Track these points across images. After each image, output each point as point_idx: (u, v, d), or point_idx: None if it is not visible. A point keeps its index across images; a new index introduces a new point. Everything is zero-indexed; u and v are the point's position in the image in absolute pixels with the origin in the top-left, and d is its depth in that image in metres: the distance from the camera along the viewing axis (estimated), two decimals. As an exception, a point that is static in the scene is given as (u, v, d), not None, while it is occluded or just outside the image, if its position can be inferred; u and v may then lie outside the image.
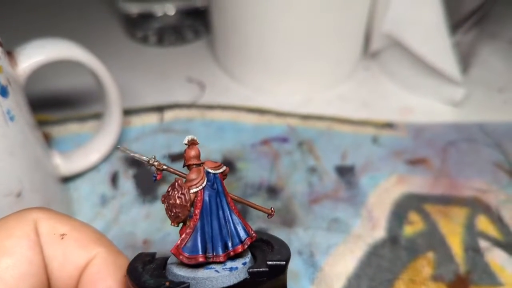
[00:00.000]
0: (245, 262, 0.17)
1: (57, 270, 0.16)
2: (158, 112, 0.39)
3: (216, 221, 0.17)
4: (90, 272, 0.16)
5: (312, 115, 0.39)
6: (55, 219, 0.17)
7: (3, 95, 0.23)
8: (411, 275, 0.28)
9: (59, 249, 0.16)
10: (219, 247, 0.16)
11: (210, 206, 0.17)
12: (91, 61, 0.29)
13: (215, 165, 0.17)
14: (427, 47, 0.38)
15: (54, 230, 0.17)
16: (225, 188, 0.17)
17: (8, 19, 0.51)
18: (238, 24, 0.39)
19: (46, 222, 0.17)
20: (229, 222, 0.17)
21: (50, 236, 0.16)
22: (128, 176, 0.34)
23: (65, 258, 0.16)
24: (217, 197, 0.17)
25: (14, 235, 0.16)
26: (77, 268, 0.16)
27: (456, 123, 0.38)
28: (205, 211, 0.17)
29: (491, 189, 0.33)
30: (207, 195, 0.17)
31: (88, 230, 0.17)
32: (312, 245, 0.30)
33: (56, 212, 0.17)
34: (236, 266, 0.16)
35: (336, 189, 0.33)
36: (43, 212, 0.17)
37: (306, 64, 0.40)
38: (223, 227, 0.17)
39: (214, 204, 0.17)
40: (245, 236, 0.17)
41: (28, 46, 0.27)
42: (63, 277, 0.16)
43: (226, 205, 0.17)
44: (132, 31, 0.48)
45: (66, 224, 0.17)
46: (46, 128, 0.37)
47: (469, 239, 0.30)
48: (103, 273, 0.16)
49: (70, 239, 0.17)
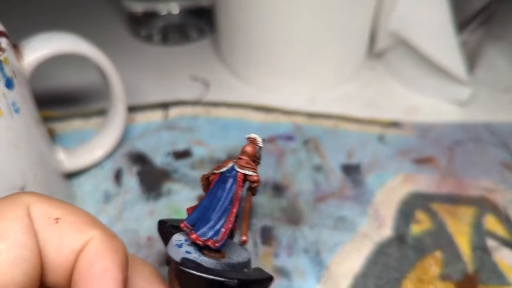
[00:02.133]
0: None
1: (52, 254, 0.16)
2: (163, 109, 0.39)
3: (211, 208, 0.17)
4: (87, 254, 0.16)
5: (318, 114, 0.39)
6: (48, 202, 0.16)
7: (8, 87, 0.23)
8: (419, 274, 0.28)
9: (54, 233, 0.16)
10: (199, 230, 0.17)
11: (216, 193, 0.17)
12: (97, 55, 0.29)
13: (248, 165, 0.17)
14: (434, 46, 0.38)
15: (48, 213, 0.16)
16: (237, 190, 0.17)
17: (14, 13, 0.51)
18: (243, 23, 0.39)
19: (38, 205, 0.16)
20: (214, 216, 0.17)
21: (44, 220, 0.16)
22: (132, 173, 0.34)
23: (61, 241, 0.16)
24: (224, 191, 0.17)
25: (7, 218, 0.15)
26: (73, 251, 0.16)
27: (463, 123, 0.38)
28: (210, 194, 0.17)
29: (498, 188, 0.33)
30: (218, 183, 0.17)
31: (82, 213, 0.17)
32: (318, 243, 0.29)
33: (48, 196, 0.17)
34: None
35: (342, 187, 0.33)
36: (35, 196, 0.17)
37: (311, 63, 0.40)
38: (211, 217, 0.17)
39: (219, 195, 0.17)
40: (212, 237, 0.17)
41: (33, 39, 0.27)
42: (59, 261, 0.16)
43: (227, 203, 0.17)
44: (136, 29, 0.48)
45: (59, 207, 0.17)
46: (50, 124, 0.37)
47: (477, 239, 0.30)
48: (100, 254, 0.16)
49: (65, 222, 0.16)
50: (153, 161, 0.34)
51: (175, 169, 0.34)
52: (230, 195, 0.17)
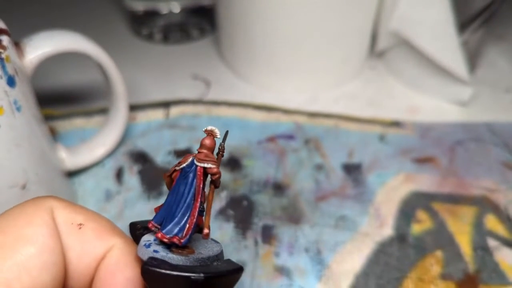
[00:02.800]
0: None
1: (75, 260, 0.16)
2: (164, 108, 0.39)
3: (175, 205, 0.17)
4: (108, 263, 0.16)
5: (319, 113, 0.39)
6: (70, 208, 0.17)
7: (10, 85, 0.23)
8: (420, 274, 0.28)
9: (77, 239, 0.16)
10: (165, 228, 0.17)
11: (178, 189, 0.17)
12: (98, 54, 0.29)
13: (207, 158, 0.17)
14: (435, 46, 0.38)
15: (71, 219, 0.16)
16: (199, 184, 0.17)
17: (15, 11, 0.51)
18: (244, 22, 0.39)
19: (62, 210, 0.16)
20: (178, 213, 0.17)
21: (67, 226, 0.16)
22: (133, 172, 0.34)
23: (83, 248, 0.16)
24: (186, 187, 0.17)
25: (34, 223, 0.15)
26: (95, 259, 0.16)
27: (464, 123, 0.38)
28: (174, 191, 0.17)
29: (500, 188, 0.33)
30: (179, 179, 0.17)
31: (103, 220, 0.17)
32: (319, 242, 0.29)
33: (70, 201, 0.17)
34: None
35: (343, 186, 0.33)
36: (58, 200, 0.17)
37: (312, 62, 0.40)
38: (175, 213, 0.17)
39: (182, 191, 0.17)
40: (177, 233, 0.17)
41: (35, 37, 0.27)
42: (81, 268, 0.16)
43: (189, 198, 0.17)
44: (137, 28, 0.48)
45: (81, 213, 0.17)
46: (51, 123, 0.37)
47: (477, 238, 0.30)
48: (121, 264, 0.16)
49: (87, 229, 0.16)
50: (154, 160, 0.34)
51: (176, 168, 0.34)
52: (192, 190, 0.17)
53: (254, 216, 0.31)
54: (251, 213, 0.31)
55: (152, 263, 0.15)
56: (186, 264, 0.16)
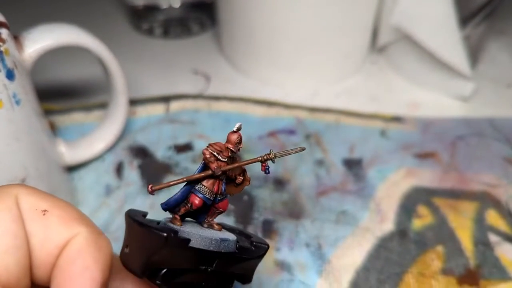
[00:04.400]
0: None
1: (37, 246, 0.16)
2: (164, 103, 0.38)
3: None
4: (70, 250, 0.15)
5: (320, 108, 0.38)
6: (36, 195, 0.16)
7: (9, 78, 0.23)
8: (420, 269, 0.27)
9: (40, 225, 0.16)
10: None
11: None
12: (98, 48, 0.29)
13: (212, 148, 0.19)
14: (437, 41, 0.38)
15: (36, 205, 0.16)
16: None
17: (15, 5, 0.51)
18: (244, 16, 0.39)
19: (27, 197, 0.16)
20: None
21: (31, 212, 0.16)
22: (133, 166, 0.33)
23: (46, 235, 0.16)
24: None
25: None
26: (57, 246, 0.16)
27: (465, 118, 0.38)
28: None
29: (501, 183, 0.33)
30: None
31: (70, 208, 0.17)
32: (320, 237, 0.29)
33: (37, 189, 0.17)
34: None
35: (343, 181, 0.33)
36: (24, 187, 0.16)
37: (313, 57, 0.40)
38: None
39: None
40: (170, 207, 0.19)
41: (34, 30, 0.27)
42: (44, 255, 0.16)
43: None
44: (137, 23, 0.48)
45: (47, 200, 0.16)
46: (51, 117, 0.37)
47: (478, 233, 0.29)
48: (83, 252, 0.15)
49: (52, 215, 0.16)
50: (154, 155, 0.34)
51: (177, 163, 0.34)
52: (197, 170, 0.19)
53: (254, 211, 0.31)
54: (252, 208, 0.31)
55: (133, 216, 0.18)
56: (167, 227, 0.18)
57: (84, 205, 0.31)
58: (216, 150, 0.18)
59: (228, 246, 0.18)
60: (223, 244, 0.18)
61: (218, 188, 0.19)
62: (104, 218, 0.30)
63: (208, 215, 0.20)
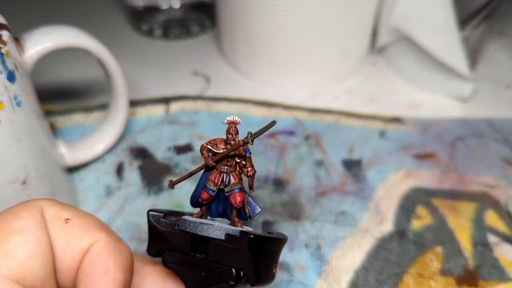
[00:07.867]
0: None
1: (60, 251, 0.17)
2: (164, 104, 0.38)
3: None
4: (91, 255, 0.17)
5: (320, 109, 0.39)
6: (60, 206, 0.18)
7: (10, 80, 0.23)
8: (420, 269, 0.28)
9: (63, 232, 0.17)
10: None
11: None
12: (99, 49, 0.29)
13: (209, 142, 0.21)
14: (436, 42, 0.38)
15: (59, 215, 0.17)
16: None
17: (15, 7, 0.51)
18: (244, 17, 0.39)
19: (51, 207, 0.17)
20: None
21: (55, 220, 0.17)
22: (133, 167, 0.34)
23: (69, 241, 0.17)
24: None
25: (22, 217, 0.17)
26: (79, 251, 0.17)
27: (464, 119, 0.38)
28: None
29: (500, 184, 0.33)
30: None
31: (90, 217, 0.18)
32: (319, 238, 0.29)
33: (60, 202, 0.18)
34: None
35: (343, 182, 0.33)
36: (48, 200, 0.18)
37: (312, 58, 0.40)
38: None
39: None
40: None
41: (35, 32, 0.27)
42: (67, 260, 0.17)
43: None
44: (137, 24, 0.48)
45: (69, 210, 0.18)
46: (51, 119, 0.37)
47: (477, 234, 0.30)
48: (103, 255, 0.17)
49: (74, 223, 0.17)
50: (154, 156, 0.34)
51: (177, 164, 0.34)
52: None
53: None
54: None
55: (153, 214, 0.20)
56: (183, 223, 0.19)
57: (84, 206, 0.31)
58: (210, 143, 0.20)
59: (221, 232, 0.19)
60: (221, 231, 0.19)
61: (219, 180, 0.20)
62: (104, 219, 0.30)
63: (231, 213, 0.21)
